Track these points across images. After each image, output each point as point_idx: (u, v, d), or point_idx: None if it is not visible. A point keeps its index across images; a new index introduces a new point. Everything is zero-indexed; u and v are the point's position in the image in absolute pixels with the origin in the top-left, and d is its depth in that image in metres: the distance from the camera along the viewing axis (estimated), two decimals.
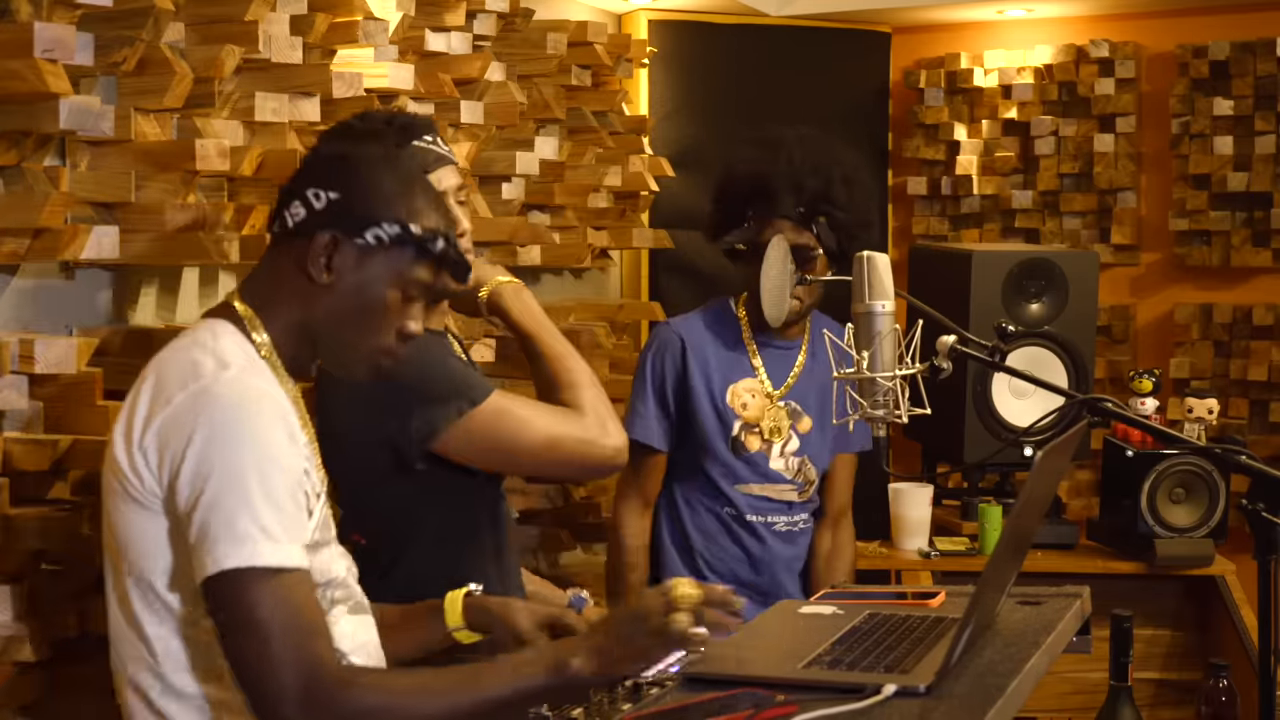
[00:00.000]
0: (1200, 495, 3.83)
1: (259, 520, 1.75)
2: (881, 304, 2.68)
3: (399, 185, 1.94)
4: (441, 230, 1.95)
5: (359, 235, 1.91)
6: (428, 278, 1.95)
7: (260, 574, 1.75)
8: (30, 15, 2.32)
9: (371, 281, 1.92)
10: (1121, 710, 2.37)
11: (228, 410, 1.79)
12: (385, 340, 1.96)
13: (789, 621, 2.42)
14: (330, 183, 1.92)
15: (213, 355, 1.85)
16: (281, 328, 1.94)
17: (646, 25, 4.61)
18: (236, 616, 1.76)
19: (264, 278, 1.98)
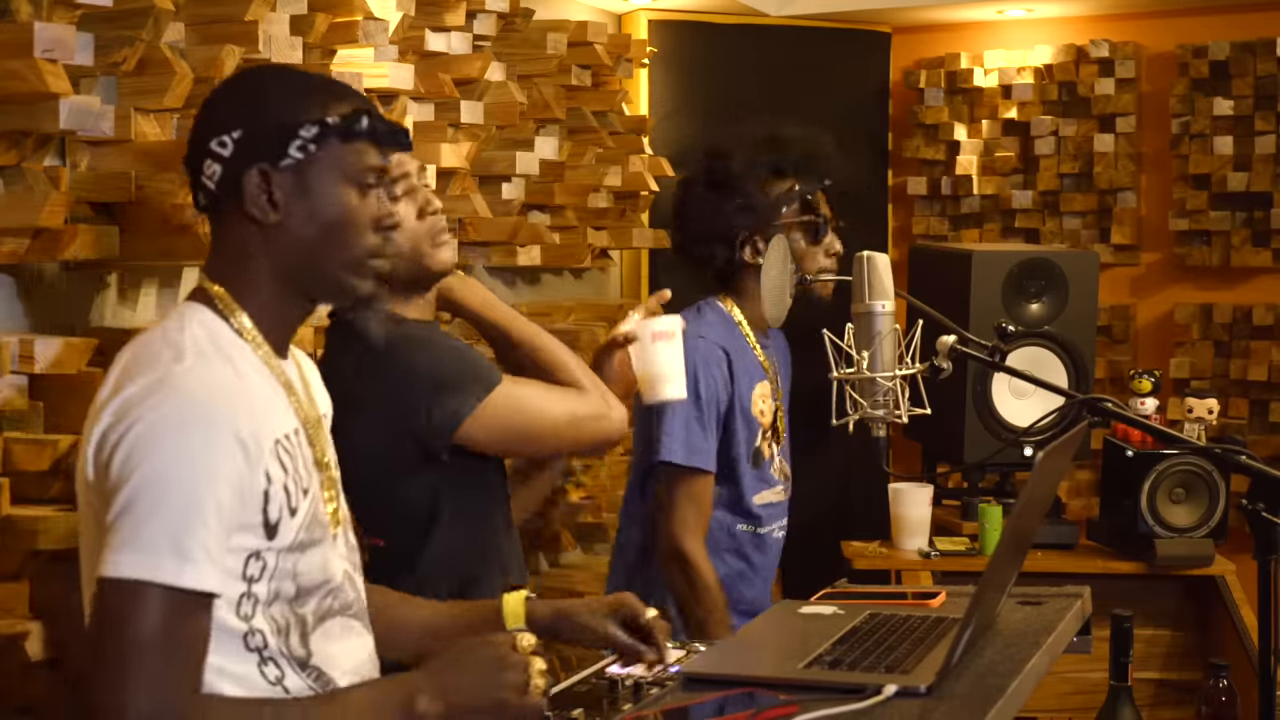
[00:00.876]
0: (1200, 495, 3.83)
1: (171, 532, 1.61)
2: (881, 304, 2.68)
3: (294, 92, 1.80)
4: (361, 107, 1.81)
5: (284, 156, 1.77)
6: (373, 160, 1.82)
7: (156, 590, 1.60)
8: (30, 15, 2.32)
9: (322, 193, 1.79)
10: (1121, 710, 2.37)
11: (171, 408, 1.65)
12: (367, 241, 1.82)
13: (789, 621, 2.42)
14: (226, 124, 1.78)
15: (173, 346, 1.73)
16: (257, 298, 1.81)
17: (646, 25, 4.61)
18: (112, 625, 1.60)
19: (220, 251, 1.83)
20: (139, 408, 1.66)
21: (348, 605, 1.86)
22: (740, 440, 3.11)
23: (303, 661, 1.77)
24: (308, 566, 1.77)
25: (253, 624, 1.72)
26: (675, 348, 2.70)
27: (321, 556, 1.80)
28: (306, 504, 1.78)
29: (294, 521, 1.75)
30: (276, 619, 1.74)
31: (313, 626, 1.79)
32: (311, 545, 1.78)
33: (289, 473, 1.76)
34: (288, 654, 1.75)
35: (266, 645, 1.73)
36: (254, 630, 1.72)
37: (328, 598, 1.81)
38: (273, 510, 1.72)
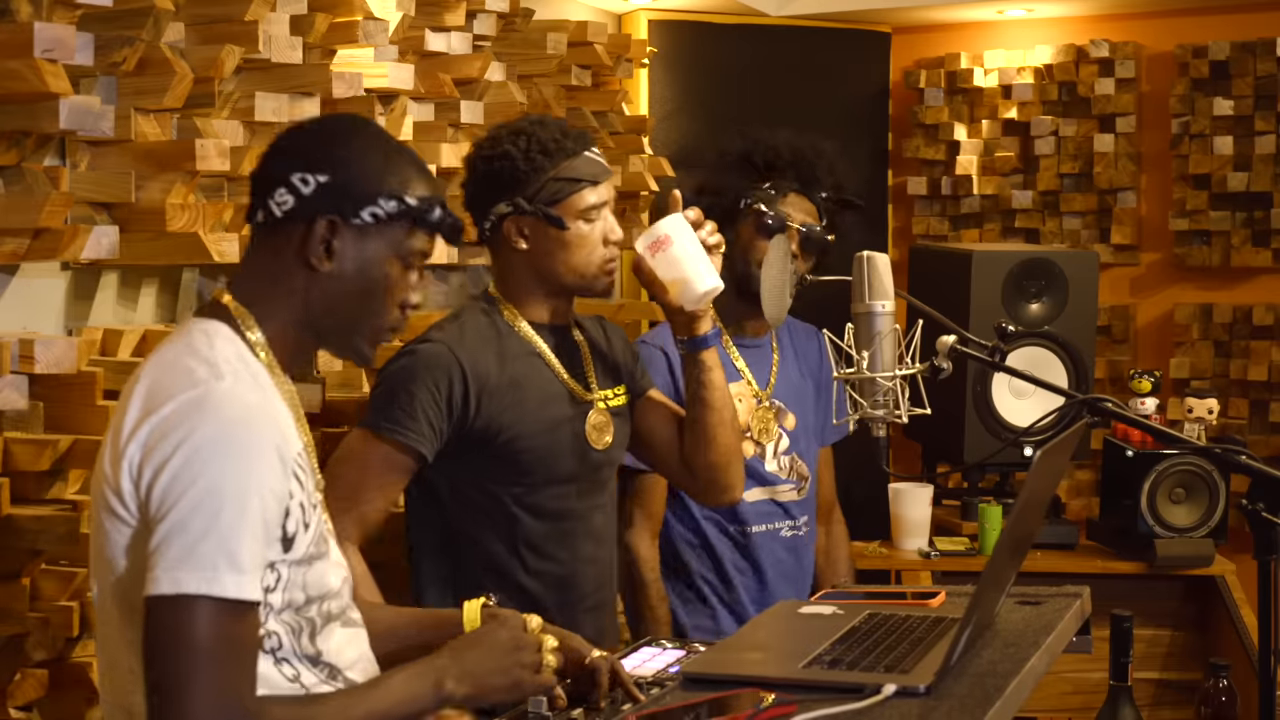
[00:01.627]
0: (1200, 495, 3.83)
1: (225, 547, 1.67)
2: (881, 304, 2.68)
3: (385, 158, 1.89)
4: (435, 196, 1.91)
5: (356, 215, 1.85)
6: (425, 246, 1.92)
7: (214, 603, 1.66)
8: (30, 15, 2.32)
9: (372, 260, 1.87)
10: (1121, 710, 2.37)
11: (217, 426, 1.71)
12: (390, 317, 1.92)
13: (789, 621, 2.42)
14: (316, 165, 1.85)
15: (207, 363, 1.77)
16: (278, 324, 1.87)
17: (646, 25, 4.61)
18: (175, 640, 1.66)
19: (255, 272, 1.90)
20: (182, 427, 1.71)
21: (345, 609, 1.94)
22: None
23: (314, 659, 1.84)
24: (314, 578, 1.85)
25: (268, 628, 1.79)
26: (678, 248, 2.65)
27: (324, 568, 1.88)
28: (315, 519, 1.86)
29: (306, 536, 1.82)
30: (289, 623, 1.82)
31: (320, 627, 1.86)
32: (318, 558, 1.86)
33: (304, 489, 1.82)
34: (300, 653, 1.83)
35: (281, 646, 1.80)
36: (270, 633, 1.79)
37: (328, 603, 1.88)
38: (290, 525, 1.79)
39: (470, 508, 2.58)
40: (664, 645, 2.38)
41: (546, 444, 2.59)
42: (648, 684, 2.09)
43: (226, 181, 2.82)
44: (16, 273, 2.48)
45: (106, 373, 2.48)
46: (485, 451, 2.55)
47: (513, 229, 2.59)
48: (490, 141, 2.62)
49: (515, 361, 2.59)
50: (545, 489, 2.60)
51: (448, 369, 2.51)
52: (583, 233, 2.58)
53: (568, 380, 2.63)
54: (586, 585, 2.66)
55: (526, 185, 2.56)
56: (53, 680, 2.40)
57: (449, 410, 2.51)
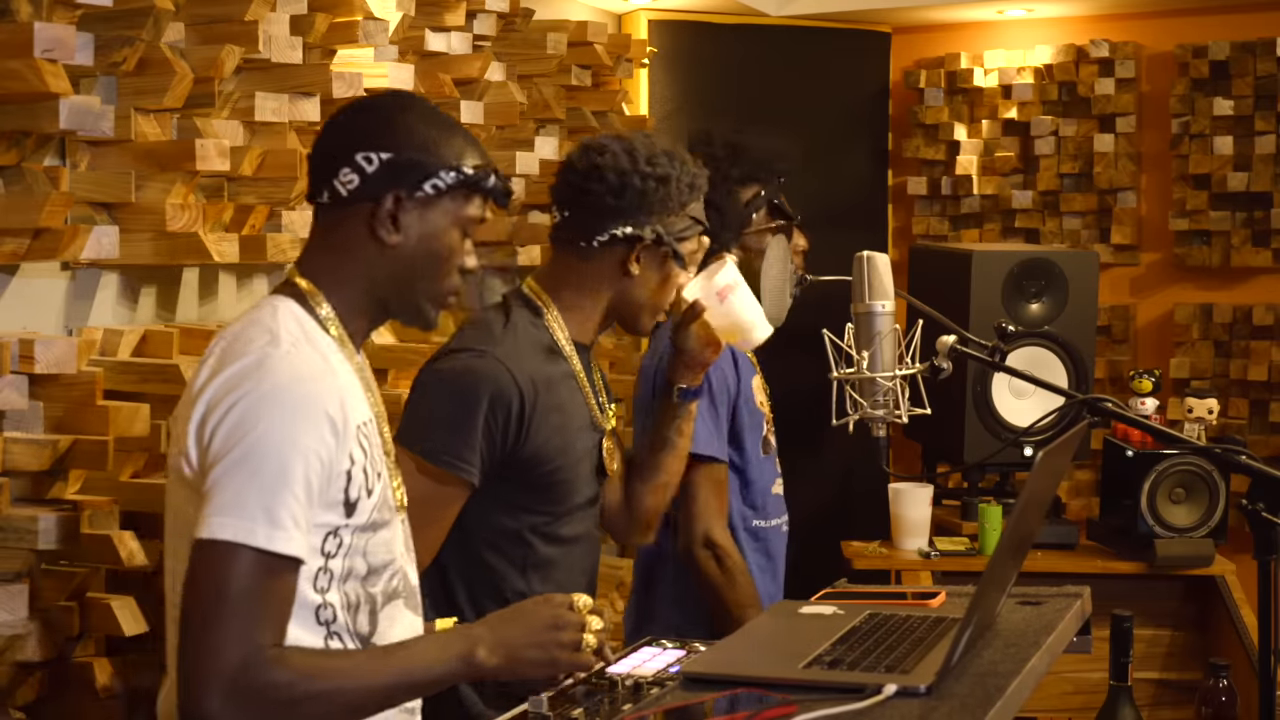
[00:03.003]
0: (1200, 495, 3.83)
1: (264, 500, 1.74)
2: (881, 304, 2.68)
3: (440, 132, 1.97)
4: (489, 165, 1.99)
5: (419, 189, 1.93)
6: (481, 212, 2.00)
7: (248, 552, 1.73)
8: (30, 15, 2.32)
9: (436, 230, 1.95)
10: (1121, 710, 2.37)
11: (272, 386, 1.79)
12: (453, 279, 1.99)
13: (789, 621, 2.42)
14: (377, 143, 1.93)
15: (269, 332, 1.86)
16: (343, 298, 1.95)
17: (646, 25, 4.61)
18: (207, 582, 1.73)
19: (322, 248, 1.97)
20: (240, 388, 1.79)
21: (407, 587, 1.98)
22: (748, 430, 3.10)
23: (364, 638, 1.89)
24: (377, 546, 1.90)
25: (327, 598, 1.85)
26: (744, 292, 2.66)
27: (389, 536, 1.93)
28: (380, 487, 1.91)
29: (369, 501, 1.88)
30: (349, 594, 1.87)
31: (381, 605, 1.91)
32: (382, 525, 1.92)
33: (368, 456, 1.88)
34: (352, 630, 1.88)
35: (335, 619, 1.86)
36: (327, 604, 1.85)
37: (393, 579, 1.94)
38: (353, 490, 1.85)
39: (486, 529, 2.48)
40: (664, 645, 2.38)
41: (576, 475, 2.52)
42: (648, 684, 2.09)
43: (226, 181, 2.82)
44: (16, 273, 2.48)
45: (106, 373, 2.48)
46: (520, 481, 2.45)
47: (635, 253, 2.49)
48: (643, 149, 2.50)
49: (560, 387, 2.49)
50: (566, 517, 2.53)
51: (508, 398, 2.39)
52: (679, 274, 2.55)
53: (592, 405, 2.56)
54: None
55: (670, 215, 2.50)
56: (53, 680, 2.39)
57: (504, 440, 2.40)
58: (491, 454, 2.40)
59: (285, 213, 2.90)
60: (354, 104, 2.05)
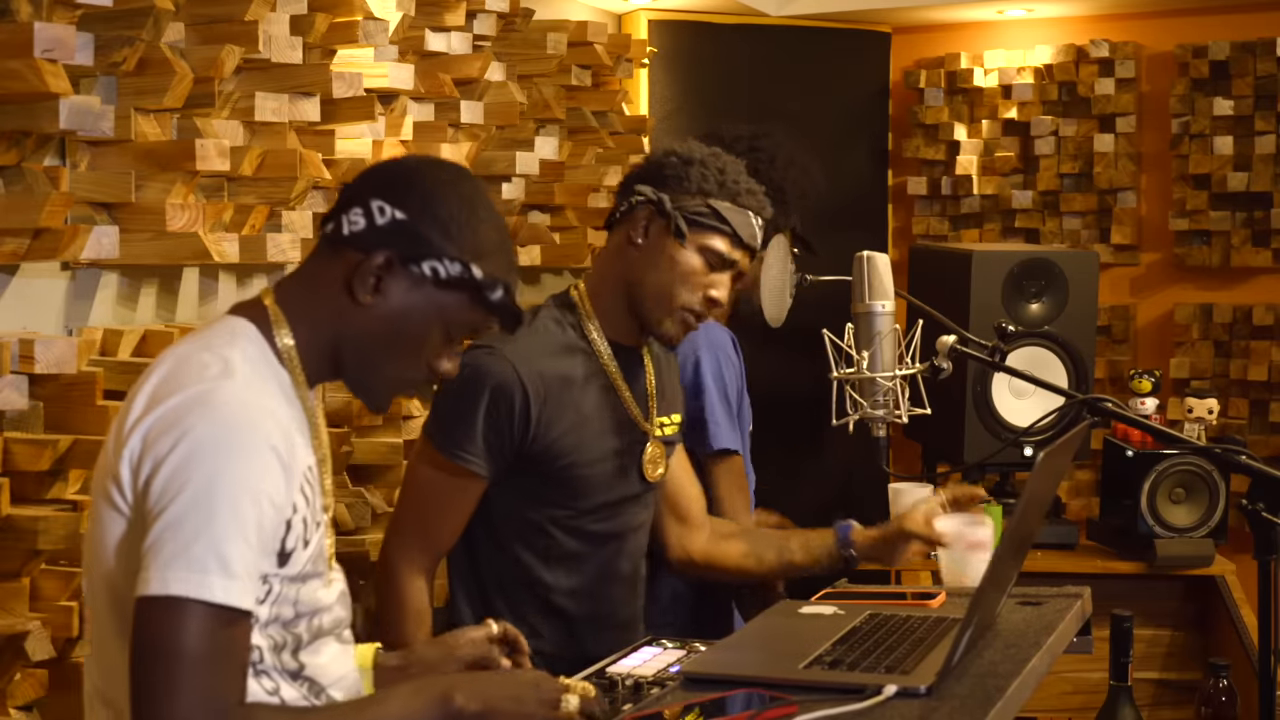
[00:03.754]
0: (1200, 495, 3.83)
1: (218, 550, 1.62)
2: (881, 304, 2.69)
3: (469, 217, 1.82)
4: (503, 279, 1.83)
5: (416, 263, 1.79)
6: (476, 322, 1.85)
7: (203, 608, 1.62)
8: (30, 15, 2.32)
9: (416, 313, 1.81)
10: (1121, 710, 2.37)
11: (219, 425, 1.66)
12: (413, 373, 1.85)
13: (789, 622, 2.42)
14: (399, 199, 1.80)
15: (222, 359, 1.73)
16: (309, 335, 1.82)
17: (646, 25, 4.61)
18: (162, 642, 1.62)
19: (303, 279, 1.86)
20: (183, 423, 1.67)
21: (338, 623, 1.89)
22: (745, 426, 3.11)
23: (295, 673, 1.80)
24: (306, 595, 1.80)
25: (253, 641, 1.74)
26: (986, 557, 2.64)
27: (317, 586, 1.82)
28: (316, 538, 1.81)
29: (304, 554, 1.78)
30: (274, 636, 1.77)
31: (306, 642, 1.81)
32: (314, 577, 1.81)
33: (309, 504, 1.78)
34: (280, 668, 1.78)
35: (262, 660, 1.76)
36: (253, 646, 1.74)
37: (320, 618, 1.84)
38: (290, 539, 1.75)
39: (511, 519, 2.52)
40: (664, 645, 2.38)
41: (603, 472, 2.53)
42: (648, 684, 2.09)
43: (226, 181, 2.82)
44: (16, 273, 2.48)
45: (106, 373, 2.48)
46: (540, 475, 2.49)
47: (640, 221, 2.51)
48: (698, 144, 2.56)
49: (583, 385, 2.51)
50: (592, 514, 2.55)
51: (510, 393, 2.43)
52: (691, 263, 2.49)
53: (632, 408, 2.56)
54: (615, 600, 2.61)
55: (683, 193, 2.50)
56: (53, 680, 2.39)
57: (510, 435, 2.44)
58: (500, 446, 2.44)
59: (285, 213, 2.90)
60: (408, 156, 1.92)
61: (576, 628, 2.56)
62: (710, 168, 2.50)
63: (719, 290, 2.51)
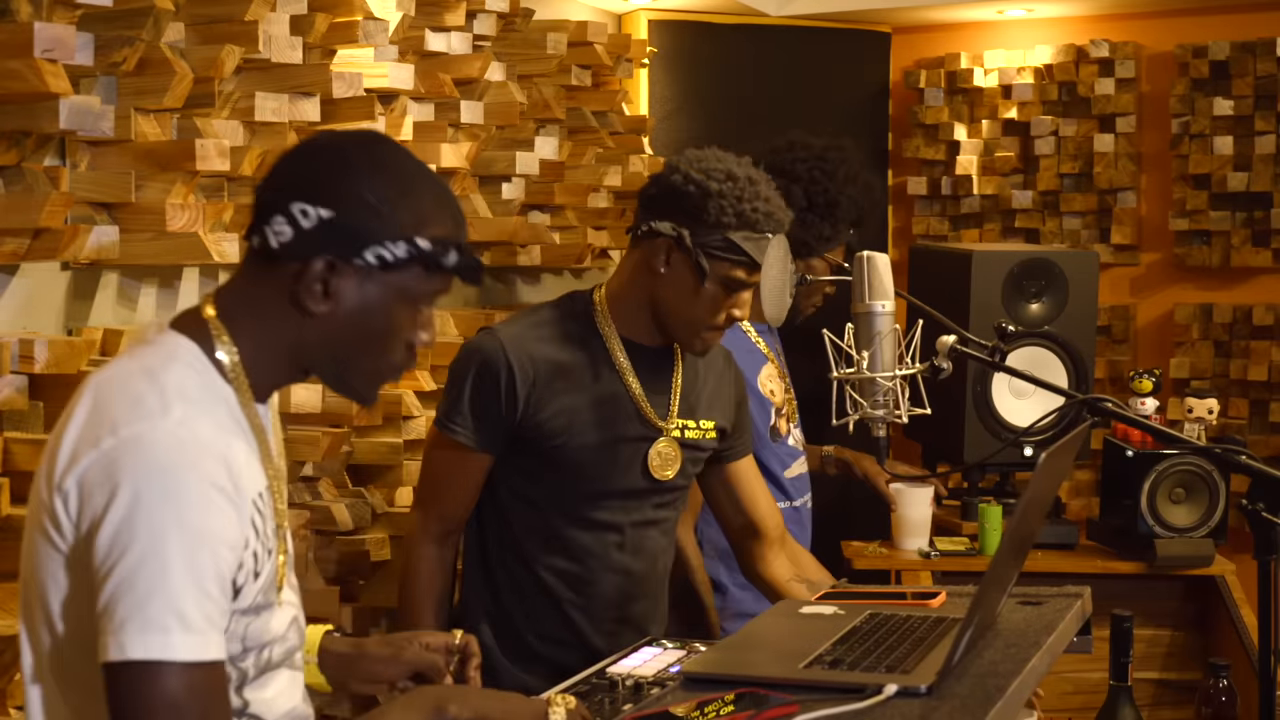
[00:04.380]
0: (1200, 495, 3.83)
1: (176, 606, 1.53)
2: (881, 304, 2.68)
3: (397, 191, 1.69)
4: (452, 238, 1.71)
5: (359, 257, 1.66)
6: (439, 287, 1.73)
7: (170, 668, 1.53)
8: (30, 15, 2.32)
9: (376, 304, 1.69)
10: (1121, 710, 2.37)
11: (159, 472, 1.55)
12: (395, 357, 1.74)
13: (789, 621, 2.42)
14: (319, 197, 1.66)
15: (157, 389, 1.61)
16: (254, 350, 1.71)
17: (646, 25, 4.61)
18: (138, 707, 1.54)
19: (244, 295, 1.72)
20: (119, 473, 1.56)
21: (288, 653, 1.81)
22: (758, 419, 3.14)
23: (240, 711, 1.72)
24: (255, 629, 1.72)
25: None
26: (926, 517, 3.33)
27: (269, 618, 1.75)
28: (268, 568, 1.71)
29: (255, 585, 1.69)
30: None
31: (252, 678, 1.74)
32: (265, 608, 1.73)
33: (259, 535, 1.67)
34: None
35: None
36: None
37: (267, 651, 1.75)
38: (241, 576, 1.65)
39: (513, 496, 2.62)
40: (664, 645, 2.38)
41: (601, 459, 2.58)
42: (648, 684, 2.09)
43: (226, 181, 2.82)
44: (16, 273, 2.48)
45: None
46: (535, 454, 2.57)
47: (662, 250, 2.56)
48: (714, 165, 2.56)
49: (583, 374, 2.58)
50: (588, 501, 2.60)
51: (495, 368, 2.54)
52: (716, 297, 2.56)
53: (641, 401, 2.61)
54: (610, 594, 2.63)
55: (702, 226, 2.53)
56: None
57: (497, 409, 2.54)
58: (488, 419, 2.56)
59: None
60: (309, 141, 1.76)
61: (572, 615, 2.62)
62: (728, 198, 2.52)
63: (740, 309, 2.60)
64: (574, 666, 2.30)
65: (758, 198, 2.54)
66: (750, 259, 2.54)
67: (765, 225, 2.54)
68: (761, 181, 2.57)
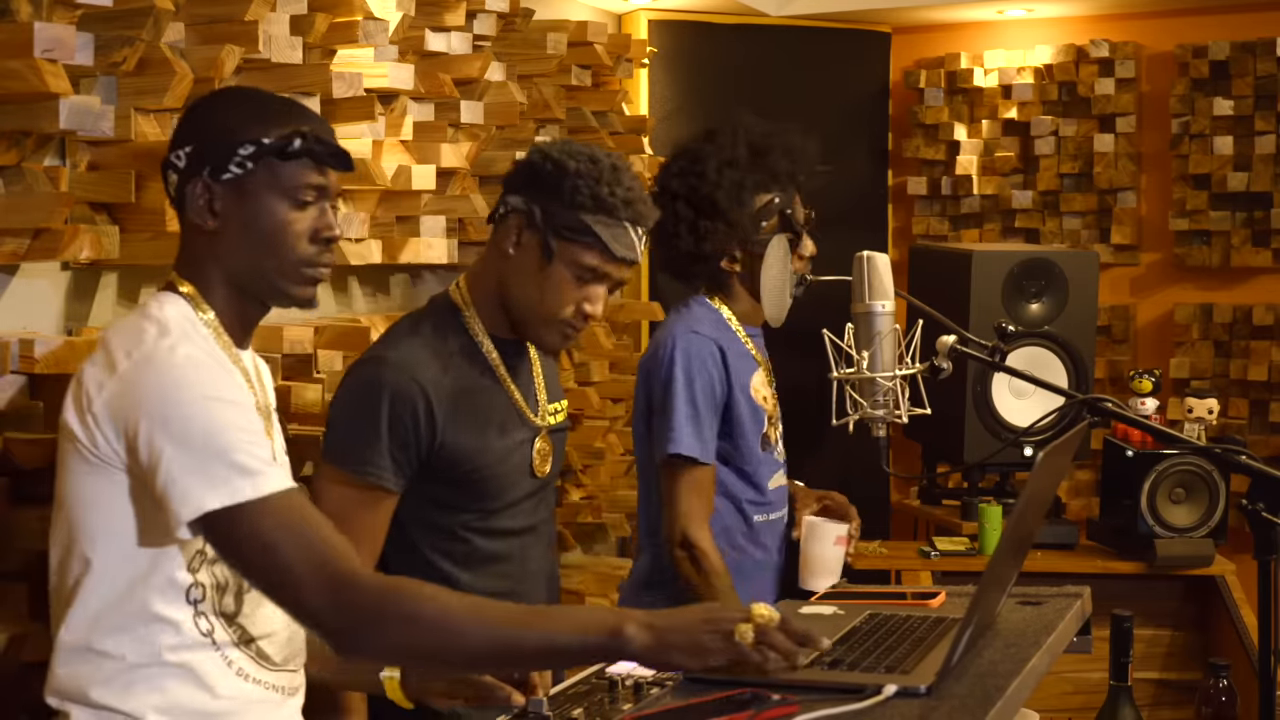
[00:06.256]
0: (1200, 495, 3.84)
1: (226, 459, 1.79)
2: (881, 304, 2.69)
3: (241, 110, 1.97)
4: (298, 129, 1.95)
5: (224, 170, 1.93)
6: (309, 179, 1.96)
7: (248, 509, 1.79)
8: (30, 15, 2.32)
9: (257, 206, 1.95)
10: (1121, 710, 2.37)
11: (170, 370, 1.83)
12: (301, 251, 1.97)
13: None
14: (184, 139, 1.97)
15: (157, 322, 1.90)
16: (217, 297, 1.97)
17: (646, 25, 4.61)
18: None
19: (182, 252, 2.01)
20: (142, 380, 1.83)
21: None
22: (748, 428, 3.09)
23: (230, 616, 1.93)
24: None
25: (198, 577, 1.90)
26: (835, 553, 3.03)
27: None
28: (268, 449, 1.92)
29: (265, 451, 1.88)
30: (218, 574, 1.91)
31: (247, 588, 1.93)
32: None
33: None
34: (218, 609, 1.92)
35: (204, 598, 1.91)
36: (198, 584, 1.90)
37: None
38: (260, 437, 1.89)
39: (422, 526, 2.49)
40: None
41: (504, 472, 2.51)
42: (648, 684, 2.09)
43: None
44: (16, 273, 2.48)
45: None
46: (446, 481, 2.46)
47: (513, 228, 2.46)
48: (578, 148, 2.48)
49: (477, 388, 2.48)
50: (503, 511, 2.53)
51: (410, 399, 2.39)
52: (564, 282, 2.44)
53: (520, 403, 2.54)
54: (540, 592, 2.60)
55: (556, 205, 2.43)
56: None
57: (415, 443, 2.40)
58: (406, 455, 2.40)
59: None
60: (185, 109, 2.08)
61: None
62: (585, 179, 2.41)
63: (593, 304, 2.46)
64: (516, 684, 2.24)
65: (618, 184, 2.42)
66: (602, 244, 2.42)
67: (622, 212, 2.42)
68: (626, 171, 2.46)
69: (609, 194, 2.41)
